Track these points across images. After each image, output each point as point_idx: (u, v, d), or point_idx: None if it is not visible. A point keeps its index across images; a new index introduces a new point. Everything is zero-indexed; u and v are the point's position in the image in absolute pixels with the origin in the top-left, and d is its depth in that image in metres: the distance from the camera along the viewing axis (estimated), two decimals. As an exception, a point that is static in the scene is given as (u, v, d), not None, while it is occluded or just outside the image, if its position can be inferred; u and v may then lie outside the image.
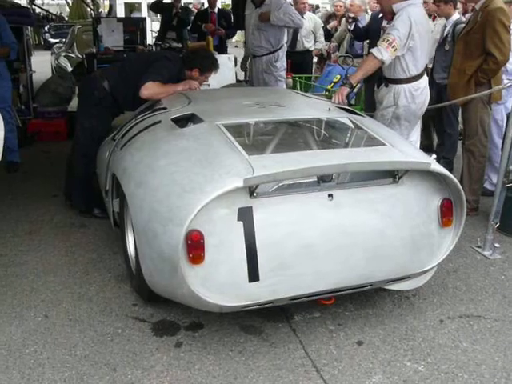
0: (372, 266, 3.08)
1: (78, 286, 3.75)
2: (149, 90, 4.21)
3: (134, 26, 8.40)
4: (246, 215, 2.79)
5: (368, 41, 7.01)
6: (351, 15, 6.83)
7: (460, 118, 6.05)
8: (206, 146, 3.08)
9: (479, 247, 4.37)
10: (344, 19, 8.12)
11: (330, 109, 3.75)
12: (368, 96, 6.47)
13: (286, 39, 6.41)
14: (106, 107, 4.52)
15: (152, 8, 9.78)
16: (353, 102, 6.92)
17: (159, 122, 3.56)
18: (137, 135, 3.58)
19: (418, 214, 3.19)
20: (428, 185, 3.21)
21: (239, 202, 2.78)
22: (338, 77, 7.79)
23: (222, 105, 3.81)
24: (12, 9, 7.59)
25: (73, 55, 10.37)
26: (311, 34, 8.61)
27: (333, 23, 8.53)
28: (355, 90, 5.89)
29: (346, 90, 4.19)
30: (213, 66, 4.54)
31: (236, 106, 3.77)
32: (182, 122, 3.51)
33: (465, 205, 3.24)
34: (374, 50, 4.24)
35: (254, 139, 3.40)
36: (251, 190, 2.79)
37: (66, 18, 31.75)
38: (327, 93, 7.59)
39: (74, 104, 7.30)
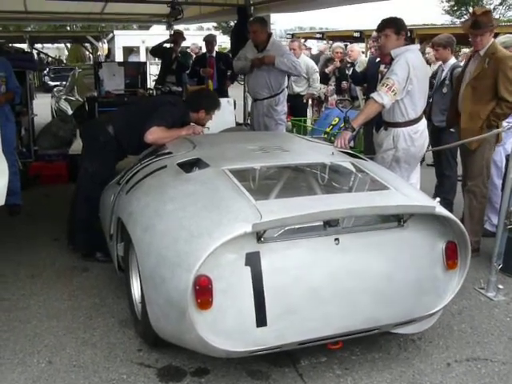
0: (379, 310, 3.09)
1: (82, 331, 3.72)
2: (153, 134, 4.27)
3: (134, 70, 8.54)
4: (253, 260, 2.80)
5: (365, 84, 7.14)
6: (349, 60, 6.97)
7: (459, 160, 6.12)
8: (212, 191, 3.11)
9: (482, 289, 4.38)
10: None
11: (333, 153, 3.80)
12: (367, 139, 6.56)
13: (286, 84, 6.50)
14: (110, 151, 4.57)
15: (152, 53, 9.96)
16: (351, 144, 7.02)
17: (165, 166, 3.61)
18: (143, 180, 3.62)
19: (423, 257, 3.21)
20: (432, 228, 3.23)
21: (247, 247, 2.80)
22: (337, 119, 7.94)
23: (226, 149, 3.86)
24: (16, 54, 7.72)
25: (73, 98, 10.49)
26: (303, 79, 8.72)
27: (331, 67, 8.69)
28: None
29: (348, 135, 4.25)
30: (216, 103, 4.69)
31: (240, 151, 3.82)
32: (188, 166, 3.55)
33: (469, 247, 3.26)
34: (374, 95, 4.32)
35: (259, 184, 3.44)
36: (259, 235, 2.81)
37: (65, 61, 32.34)
38: (326, 135, 7.71)
39: (75, 147, 7.36)
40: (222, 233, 2.71)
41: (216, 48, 9.66)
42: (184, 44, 10.11)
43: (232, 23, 38.35)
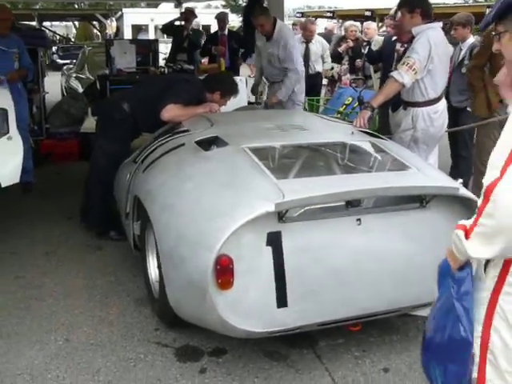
0: (400, 292, 3.05)
1: (98, 309, 3.70)
2: (170, 112, 4.22)
3: (146, 47, 8.43)
4: (274, 240, 2.76)
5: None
6: (365, 39, 6.86)
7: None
8: (232, 170, 3.07)
9: (500, 272, 4.32)
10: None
11: (352, 132, 3.75)
12: (382, 119, 6.47)
13: (301, 60, 6.36)
14: (125, 129, 4.52)
15: (164, 30, 9.85)
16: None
17: (183, 144, 3.56)
18: (160, 158, 3.57)
19: (445, 239, 3.12)
20: (454, 209, 3.18)
21: (268, 227, 2.75)
22: (350, 99, 7.82)
23: (244, 128, 3.80)
24: (28, 31, 7.65)
25: (83, 76, 10.42)
26: (320, 57, 8.71)
27: (343, 46, 8.57)
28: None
29: (367, 114, 4.17)
30: (234, 90, 4.62)
31: (258, 129, 3.76)
32: (206, 144, 3.49)
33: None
34: (394, 74, 4.23)
35: (280, 163, 3.39)
36: (280, 215, 2.76)
37: (73, 40, 32.15)
38: (339, 115, 7.61)
39: (86, 125, 7.32)
40: (244, 212, 2.66)
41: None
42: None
43: (240, 1, 37.92)
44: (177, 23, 9.53)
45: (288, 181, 3.01)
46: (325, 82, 9.54)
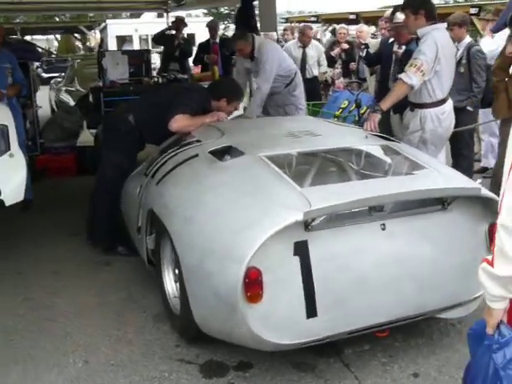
0: (426, 296, 3.02)
1: (115, 328, 3.60)
2: (178, 122, 4.14)
3: (138, 58, 8.36)
4: (301, 249, 2.70)
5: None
6: (363, 41, 6.84)
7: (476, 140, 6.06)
8: (253, 179, 3.01)
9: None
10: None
11: (366, 136, 3.70)
12: (382, 121, 6.43)
13: (291, 66, 6.20)
14: (131, 141, 4.44)
15: (155, 40, 9.76)
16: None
17: (196, 155, 3.48)
18: (174, 169, 3.49)
19: (467, 241, 3.13)
20: (474, 210, 3.15)
21: (295, 236, 2.69)
22: (346, 102, 7.78)
23: (256, 136, 3.74)
24: (19, 44, 7.55)
25: (74, 89, 10.32)
26: (316, 61, 8.70)
27: (336, 50, 8.57)
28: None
29: (377, 117, 4.12)
30: (240, 95, 4.57)
31: (271, 137, 3.70)
32: (221, 154, 3.42)
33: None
34: (402, 76, 4.20)
35: (299, 170, 3.34)
36: (306, 224, 2.70)
37: (55, 53, 31.89)
38: (336, 119, 7.56)
39: (82, 139, 7.23)
40: (272, 222, 2.60)
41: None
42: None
43: (222, 9, 37.73)
44: (167, 32, 9.48)
45: (312, 188, 2.95)
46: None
